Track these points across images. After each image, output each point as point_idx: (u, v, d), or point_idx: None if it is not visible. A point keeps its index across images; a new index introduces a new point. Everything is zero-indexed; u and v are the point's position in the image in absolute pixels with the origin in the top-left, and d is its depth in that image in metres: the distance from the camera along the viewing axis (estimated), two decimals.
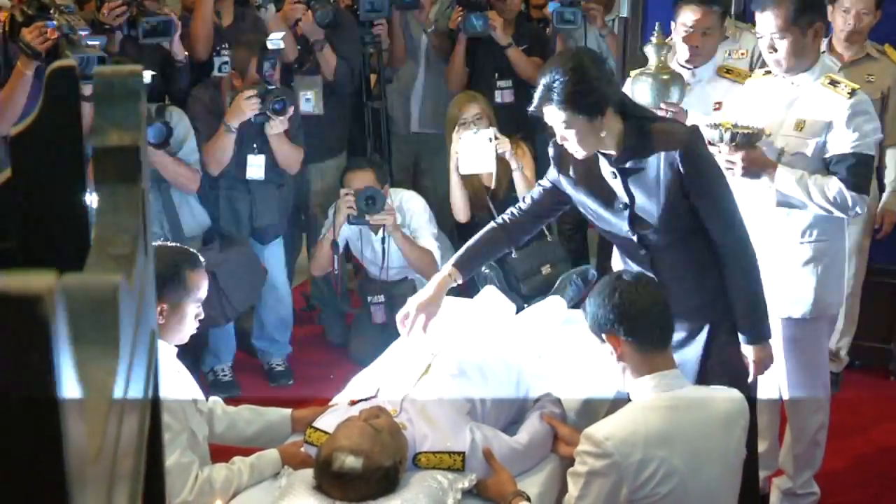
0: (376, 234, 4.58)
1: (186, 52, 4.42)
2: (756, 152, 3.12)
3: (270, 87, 4.22)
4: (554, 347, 3.54)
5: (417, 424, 2.58)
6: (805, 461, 3.45)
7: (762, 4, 3.12)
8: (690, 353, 2.83)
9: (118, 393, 0.52)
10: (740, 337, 2.78)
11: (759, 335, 2.78)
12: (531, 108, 2.70)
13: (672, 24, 3.71)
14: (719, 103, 3.60)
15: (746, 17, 4.66)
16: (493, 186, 4.54)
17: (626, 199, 2.76)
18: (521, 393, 2.99)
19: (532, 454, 2.74)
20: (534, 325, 3.48)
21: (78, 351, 0.53)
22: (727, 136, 3.09)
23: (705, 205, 2.71)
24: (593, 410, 3.09)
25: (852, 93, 3.08)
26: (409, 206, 4.72)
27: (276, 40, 4.34)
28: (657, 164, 2.67)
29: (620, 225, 2.82)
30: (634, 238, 2.80)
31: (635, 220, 2.78)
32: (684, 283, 2.79)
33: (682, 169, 2.64)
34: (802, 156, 3.11)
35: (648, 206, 2.73)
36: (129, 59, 4.12)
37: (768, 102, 3.24)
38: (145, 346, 0.71)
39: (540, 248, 4.49)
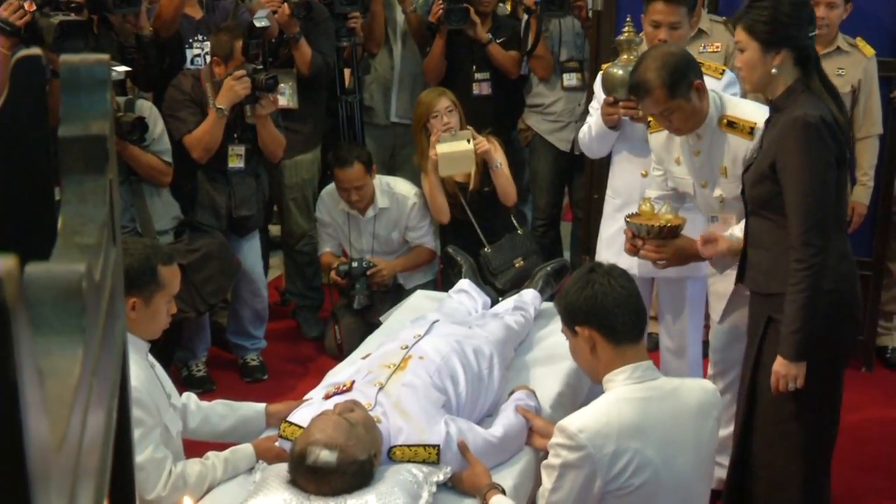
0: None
1: (149, 27, 4.38)
2: (683, 241, 3.19)
3: (259, 67, 4.21)
4: (529, 340, 3.55)
5: (392, 418, 2.57)
6: None
7: (637, 94, 3.15)
8: (750, 349, 2.91)
9: (84, 383, 0.52)
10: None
11: (784, 350, 2.77)
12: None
13: (642, 17, 3.72)
14: None
15: (720, 11, 4.69)
16: (472, 186, 4.54)
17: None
18: (495, 385, 2.99)
19: (507, 447, 2.74)
20: (508, 319, 3.48)
21: (42, 339, 0.52)
22: (654, 231, 3.16)
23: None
24: (568, 403, 3.10)
25: (751, 131, 3.13)
26: (400, 191, 4.78)
27: (262, 17, 4.33)
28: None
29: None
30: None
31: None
32: (761, 261, 2.87)
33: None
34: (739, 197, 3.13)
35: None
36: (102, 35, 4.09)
37: (685, 154, 3.29)
38: (113, 337, 0.71)
39: (512, 241, 4.51)
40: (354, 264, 4.65)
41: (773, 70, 2.80)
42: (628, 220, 3.23)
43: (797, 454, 2.87)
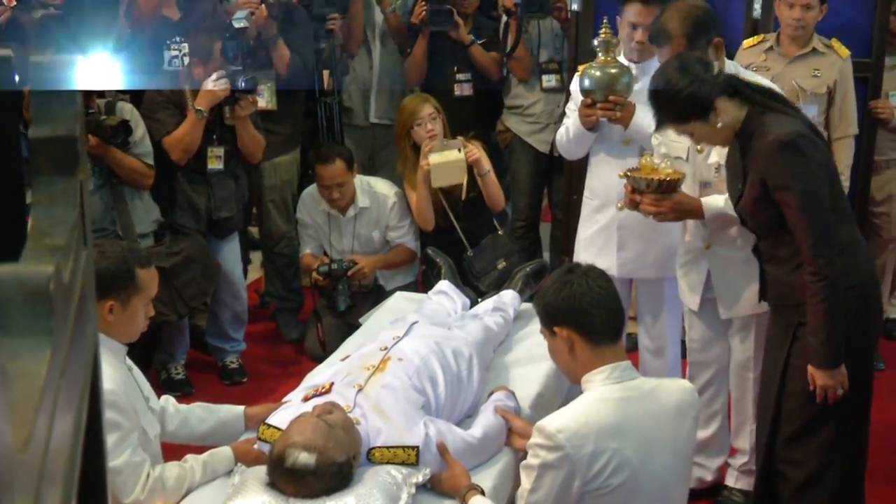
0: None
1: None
2: (681, 196, 3.21)
3: (237, 68, 4.20)
4: (508, 340, 3.55)
5: (371, 419, 2.57)
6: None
7: (658, 41, 3.21)
8: (778, 351, 2.94)
9: (51, 385, 0.51)
10: None
11: (818, 360, 2.80)
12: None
13: (618, 19, 3.73)
14: None
15: None
16: (464, 196, 4.53)
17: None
18: (475, 386, 2.99)
19: (486, 448, 2.74)
20: (488, 320, 3.48)
21: (9, 340, 0.52)
22: (654, 184, 3.18)
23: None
24: (547, 403, 3.11)
25: None
26: (380, 191, 4.78)
27: (240, 18, 4.32)
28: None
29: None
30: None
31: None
32: (779, 274, 2.91)
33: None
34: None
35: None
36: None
37: None
38: (84, 339, 0.70)
39: (493, 243, 4.51)
40: (335, 265, 4.64)
41: (720, 125, 2.86)
42: (629, 174, 3.24)
43: (827, 452, 2.91)
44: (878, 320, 3.10)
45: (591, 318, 2.38)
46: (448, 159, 4.39)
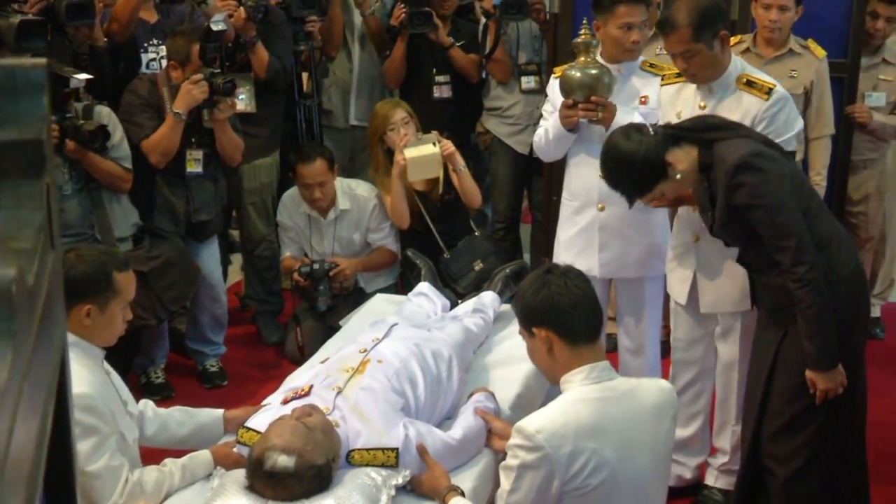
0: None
1: (106, 39, 4.34)
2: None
3: (216, 71, 4.19)
4: (488, 342, 3.55)
5: (350, 421, 2.57)
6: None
7: (664, 29, 3.23)
8: (767, 349, 2.98)
9: (12, 388, 0.51)
10: None
11: (816, 363, 2.85)
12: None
13: (598, 20, 3.71)
14: (645, 97, 3.65)
15: None
16: (437, 193, 4.54)
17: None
18: (454, 388, 2.99)
19: (466, 449, 2.74)
20: (468, 321, 3.48)
21: None
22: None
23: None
24: (527, 404, 3.11)
25: (769, 92, 3.18)
26: (361, 193, 4.78)
27: (218, 21, 4.30)
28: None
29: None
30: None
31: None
32: (767, 280, 2.96)
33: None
34: None
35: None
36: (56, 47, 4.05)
37: (687, 108, 3.33)
38: (50, 342, 0.70)
39: (470, 244, 4.52)
40: (316, 266, 4.64)
41: (678, 175, 2.93)
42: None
43: (814, 447, 2.94)
44: (866, 312, 3.14)
45: (569, 319, 2.38)
46: (423, 153, 4.39)
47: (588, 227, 3.73)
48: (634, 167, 2.92)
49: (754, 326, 3.30)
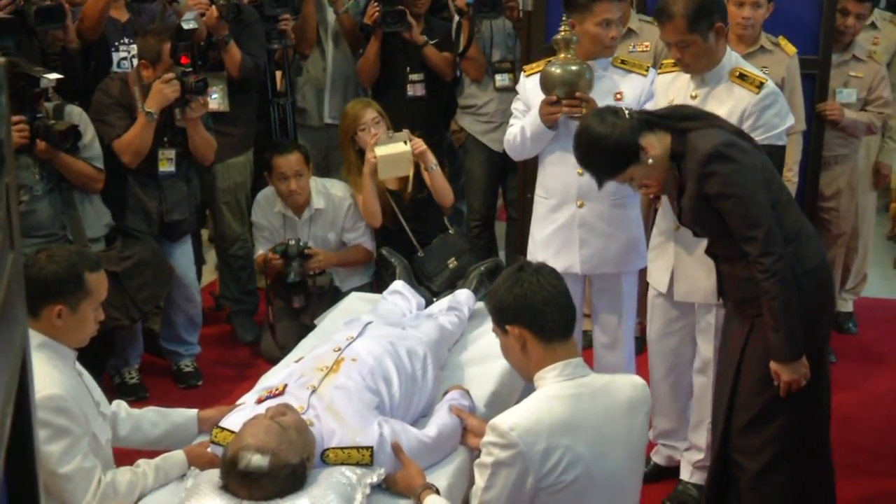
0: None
1: (77, 41, 4.31)
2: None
3: (188, 70, 4.17)
4: (463, 340, 3.56)
5: (325, 420, 2.56)
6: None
7: (661, 18, 3.25)
8: (735, 342, 3.00)
9: None
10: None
11: (780, 355, 2.86)
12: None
13: (574, 18, 3.70)
14: (620, 93, 3.66)
15: (647, 11, 4.74)
16: (408, 190, 4.54)
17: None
18: (429, 386, 2.99)
19: (441, 447, 2.74)
20: (442, 319, 3.48)
21: None
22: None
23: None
24: (503, 402, 3.11)
25: (760, 86, 3.22)
26: (335, 193, 4.78)
27: (189, 20, 4.28)
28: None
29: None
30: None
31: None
32: (734, 271, 2.97)
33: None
34: None
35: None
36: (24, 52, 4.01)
37: (679, 96, 3.35)
38: (10, 342, 0.69)
39: (444, 242, 4.52)
40: (291, 243, 4.63)
41: (650, 161, 2.93)
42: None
43: (782, 441, 2.96)
44: (831, 307, 3.16)
45: (542, 316, 2.39)
46: (394, 151, 4.40)
47: (567, 225, 3.73)
48: (608, 148, 2.91)
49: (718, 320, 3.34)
